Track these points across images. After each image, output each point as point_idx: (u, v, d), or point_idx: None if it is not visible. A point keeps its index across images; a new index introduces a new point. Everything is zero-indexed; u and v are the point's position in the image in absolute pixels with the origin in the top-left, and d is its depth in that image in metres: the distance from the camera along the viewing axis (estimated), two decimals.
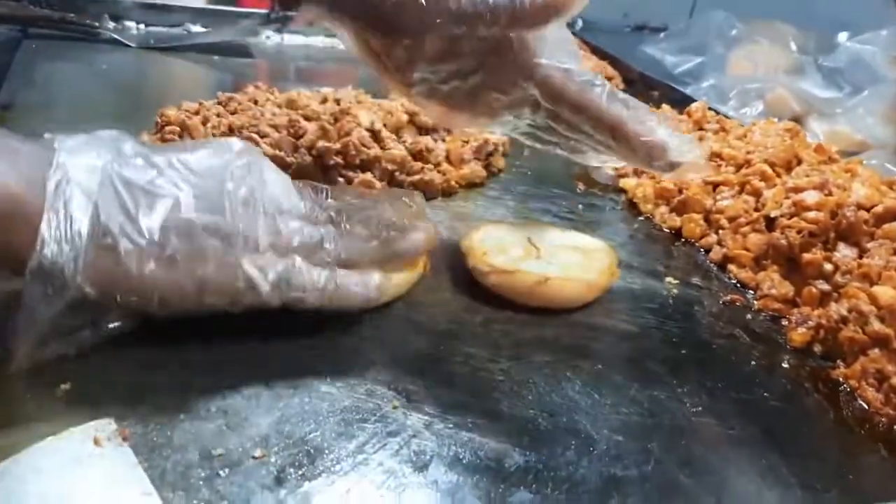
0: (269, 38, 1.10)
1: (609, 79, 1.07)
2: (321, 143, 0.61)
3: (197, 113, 0.66)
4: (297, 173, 0.61)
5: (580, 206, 0.67)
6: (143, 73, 0.88)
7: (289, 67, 1.04)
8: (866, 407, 0.44)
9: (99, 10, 0.97)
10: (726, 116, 0.80)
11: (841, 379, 0.47)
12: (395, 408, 0.39)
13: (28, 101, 0.73)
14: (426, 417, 0.39)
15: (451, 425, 0.38)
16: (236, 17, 1.09)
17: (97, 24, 0.93)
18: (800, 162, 0.62)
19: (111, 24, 0.96)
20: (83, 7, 0.96)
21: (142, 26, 1.04)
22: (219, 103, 0.68)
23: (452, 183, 0.66)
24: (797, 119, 1.00)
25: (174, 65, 0.93)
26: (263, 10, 1.10)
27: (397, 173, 0.63)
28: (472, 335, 0.46)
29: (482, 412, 0.40)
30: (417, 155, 0.66)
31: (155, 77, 0.89)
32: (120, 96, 0.79)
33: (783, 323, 0.52)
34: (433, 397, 0.40)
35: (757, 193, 0.59)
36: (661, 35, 1.27)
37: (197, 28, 1.06)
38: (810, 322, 0.50)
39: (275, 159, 0.60)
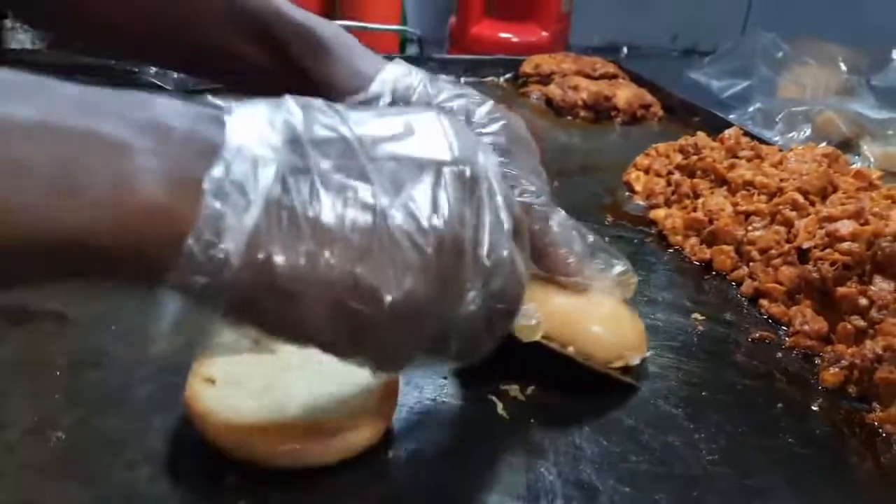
0: None
1: (647, 106, 1.04)
2: None
3: None
4: None
5: (607, 239, 0.65)
6: None
7: None
8: None
9: None
10: (762, 141, 0.77)
11: (876, 423, 0.43)
12: (387, 458, 0.38)
13: None
14: (413, 470, 0.37)
15: (443, 476, 0.37)
16: None
17: (137, 69, 0.95)
18: (835, 189, 0.59)
19: (152, 70, 0.99)
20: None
21: None
22: None
23: None
24: (847, 142, 0.95)
25: None
26: None
27: None
28: (471, 371, 0.44)
29: (478, 460, 0.38)
30: None
31: None
32: None
33: (816, 362, 0.49)
34: (425, 441, 0.39)
35: (789, 223, 0.56)
36: (706, 59, 1.24)
37: None
38: (843, 361, 0.47)
39: None
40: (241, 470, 0.35)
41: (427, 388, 0.43)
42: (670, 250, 0.64)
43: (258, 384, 0.38)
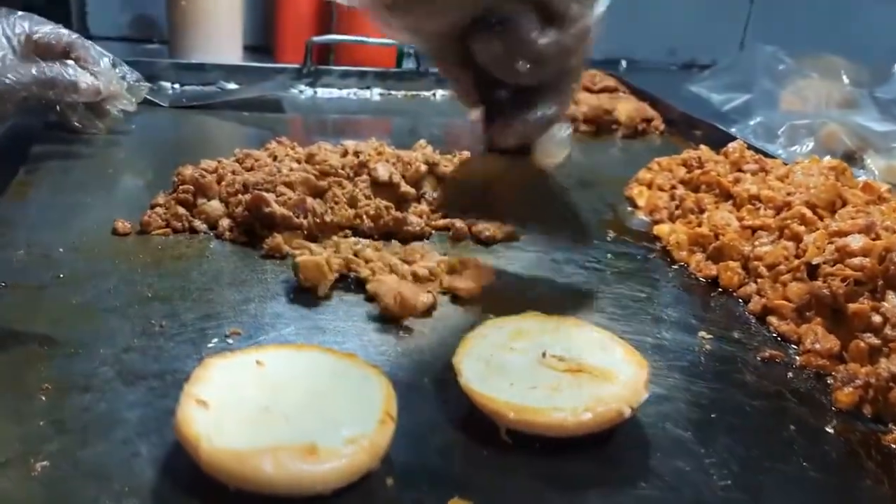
0: (303, 92, 1.10)
1: (649, 120, 1.03)
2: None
3: (214, 171, 0.65)
4: (311, 236, 0.59)
5: (609, 255, 0.64)
6: (172, 133, 0.89)
7: (321, 121, 1.04)
8: None
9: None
10: (766, 155, 0.75)
11: (893, 445, 0.42)
12: (386, 485, 0.36)
13: (52, 165, 0.73)
14: (413, 497, 0.36)
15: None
16: (269, 72, 1.10)
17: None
18: (844, 203, 0.57)
19: (148, 85, 0.98)
20: None
21: (177, 86, 1.05)
22: (236, 160, 0.68)
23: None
24: (851, 155, 0.94)
25: (205, 122, 0.94)
26: (296, 65, 1.11)
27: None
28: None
29: (480, 488, 0.36)
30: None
31: (183, 135, 0.90)
32: (144, 156, 0.79)
33: (828, 381, 0.47)
34: (424, 468, 0.37)
35: (797, 238, 0.55)
36: (706, 72, 1.23)
37: (231, 85, 1.07)
38: (858, 381, 0.45)
39: (284, 219, 0.59)
40: (235, 499, 0.33)
41: (426, 413, 0.41)
42: (675, 266, 0.63)
43: (253, 407, 0.37)
